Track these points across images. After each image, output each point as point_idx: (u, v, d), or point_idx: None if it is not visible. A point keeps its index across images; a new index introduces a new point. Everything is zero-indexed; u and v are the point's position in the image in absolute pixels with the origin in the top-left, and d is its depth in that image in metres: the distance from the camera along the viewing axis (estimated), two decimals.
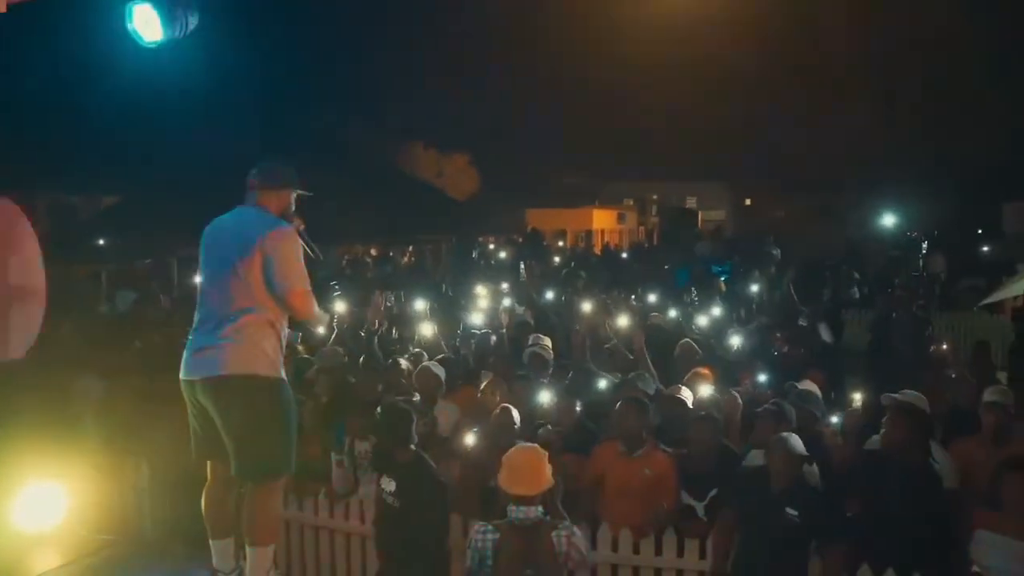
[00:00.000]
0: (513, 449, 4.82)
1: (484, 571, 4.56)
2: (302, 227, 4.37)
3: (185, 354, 4.25)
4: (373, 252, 26.72)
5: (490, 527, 4.57)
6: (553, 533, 4.52)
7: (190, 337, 4.27)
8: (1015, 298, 15.36)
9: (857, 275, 18.87)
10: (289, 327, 4.46)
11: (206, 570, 4.54)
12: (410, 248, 27.63)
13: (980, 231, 30.78)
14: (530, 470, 4.60)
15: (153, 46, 4.64)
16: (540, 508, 4.59)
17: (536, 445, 4.94)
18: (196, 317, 4.29)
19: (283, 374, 4.27)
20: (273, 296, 4.15)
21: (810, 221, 37.41)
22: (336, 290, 9.16)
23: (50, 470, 5.40)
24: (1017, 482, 4.84)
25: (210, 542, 4.38)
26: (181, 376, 4.26)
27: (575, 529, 4.65)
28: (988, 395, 5.90)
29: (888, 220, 32.88)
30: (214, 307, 4.20)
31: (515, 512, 4.53)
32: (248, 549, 4.19)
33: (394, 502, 5.20)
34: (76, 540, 5.16)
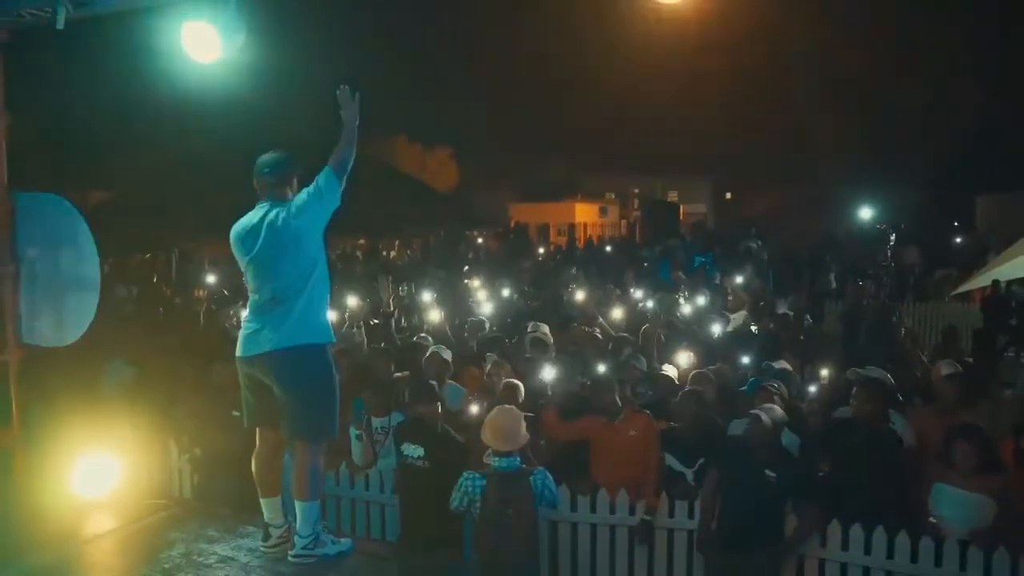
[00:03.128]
0: (494, 411, 5.62)
1: (472, 512, 5.36)
2: None
3: (241, 335, 4.79)
4: (362, 242, 27.23)
5: (478, 475, 5.38)
6: (531, 478, 5.35)
7: (246, 320, 4.82)
8: (984, 287, 16.08)
9: (835, 266, 19.60)
10: None
11: (255, 527, 5.12)
12: (396, 242, 28.09)
13: (956, 224, 31.56)
14: (509, 429, 5.42)
15: (205, 63, 5.19)
16: (518, 459, 5.40)
17: (513, 407, 5.75)
18: (249, 303, 4.84)
19: (331, 336, 4.83)
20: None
21: (789, 214, 38.23)
22: None
23: (98, 444, 5.98)
24: (965, 444, 5.57)
25: (261, 500, 4.93)
26: (238, 354, 4.79)
27: (547, 474, 5.45)
28: (945, 368, 6.64)
29: (866, 213, 33.66)
30: (263, 294, 4.72)
31: (498, 463, 5.35)
32: (297, 504, 4.76)
33: (423, 464, 5.84)
34: (130, 505, 5.72)
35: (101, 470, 5.85)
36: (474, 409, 6.54)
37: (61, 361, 7.24)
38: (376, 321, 9.35)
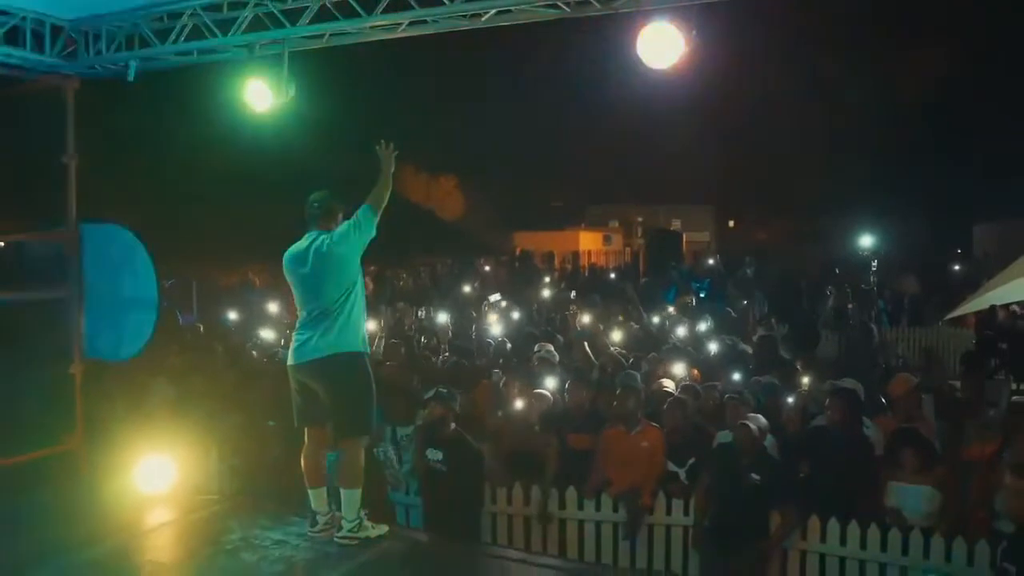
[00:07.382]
0: None
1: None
2: None
3: (293, 345, 5.53)
4: (372, 269, 27.98)
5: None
6: None
7: (297, 332, 5.54)
8: (980, 311, 16.64)
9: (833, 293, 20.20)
10: None
11: (299, 516, 5.81)
12: (403, 271, 28.75)
13: (959, 251, 32.10)
14: None
15: (262, 111, 5.97)
16: None
17: None
18: (299, 317, 5.58)
19: (367, 347, 5.59)
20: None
21: (791, 242, 38.91)
22: None
23: (154, 447, 6.67)
24: (906, 446, 6.35)
25: (308, 490, 5.63)
26: (289, 362, 5.53)
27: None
28: (905, 382, 7.47)
29: (866, 241, 34.23)
30: (311, 309, 5.47)
31: None
32: (342, 492, 5.45)
33: (442, 468, 6.52)
34: (186, 500, 6.42)
35: (158, 470, 6.55)
36: (519, 404, 7.40)
37: (119, 376, 8.02)
38: (395, 340, 10.17)
